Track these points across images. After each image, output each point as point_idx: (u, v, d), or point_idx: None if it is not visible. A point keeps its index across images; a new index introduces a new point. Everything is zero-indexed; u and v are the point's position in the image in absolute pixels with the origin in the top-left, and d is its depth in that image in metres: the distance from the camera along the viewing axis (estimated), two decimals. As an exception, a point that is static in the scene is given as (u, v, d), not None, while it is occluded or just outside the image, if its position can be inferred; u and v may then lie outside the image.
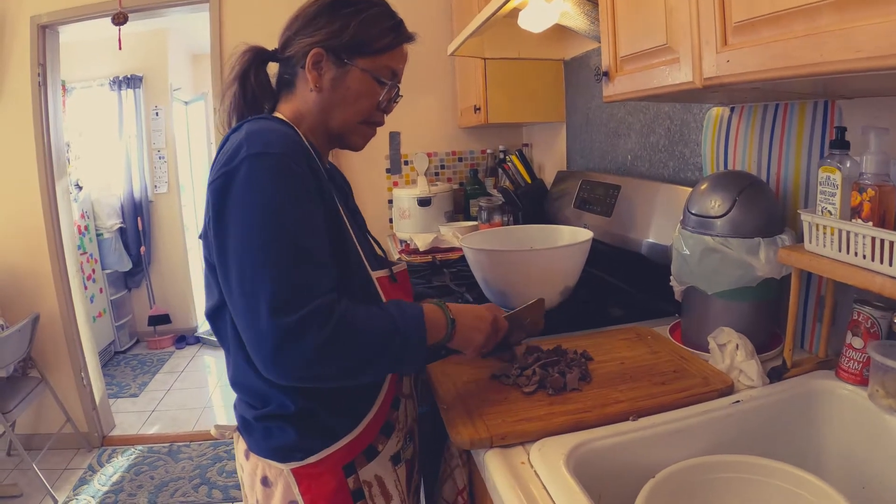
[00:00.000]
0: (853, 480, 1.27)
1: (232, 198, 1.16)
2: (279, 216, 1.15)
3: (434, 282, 2.52)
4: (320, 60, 1.35)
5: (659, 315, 1.95)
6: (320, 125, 1.40)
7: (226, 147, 1.24)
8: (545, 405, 1.33)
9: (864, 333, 1.32)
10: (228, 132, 1.32)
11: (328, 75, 1.36)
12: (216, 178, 1.18)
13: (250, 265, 1.13)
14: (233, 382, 1.35)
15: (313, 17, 1.37)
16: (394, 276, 1.44)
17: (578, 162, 3.29)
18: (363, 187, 4.07)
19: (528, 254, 1.93)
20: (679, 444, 1.24)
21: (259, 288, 1.11)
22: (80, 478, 4.02)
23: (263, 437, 1.32)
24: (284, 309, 1.10)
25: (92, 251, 6.05)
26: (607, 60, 1.65)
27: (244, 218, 1.15)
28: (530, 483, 1.10)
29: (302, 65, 1.36)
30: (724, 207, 1.50)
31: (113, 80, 6.44)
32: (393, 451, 1.40)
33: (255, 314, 1.11)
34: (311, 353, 1.11)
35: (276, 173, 1.17)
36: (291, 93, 1.41)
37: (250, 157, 1.16)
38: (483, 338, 1.40)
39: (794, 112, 1.59)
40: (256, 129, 1.23)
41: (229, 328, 1.28)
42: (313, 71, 1.35)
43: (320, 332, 1.11)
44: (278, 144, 1.20)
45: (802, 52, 0.95)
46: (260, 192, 1.15)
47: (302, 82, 1.38)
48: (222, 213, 1.16)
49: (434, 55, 3.93)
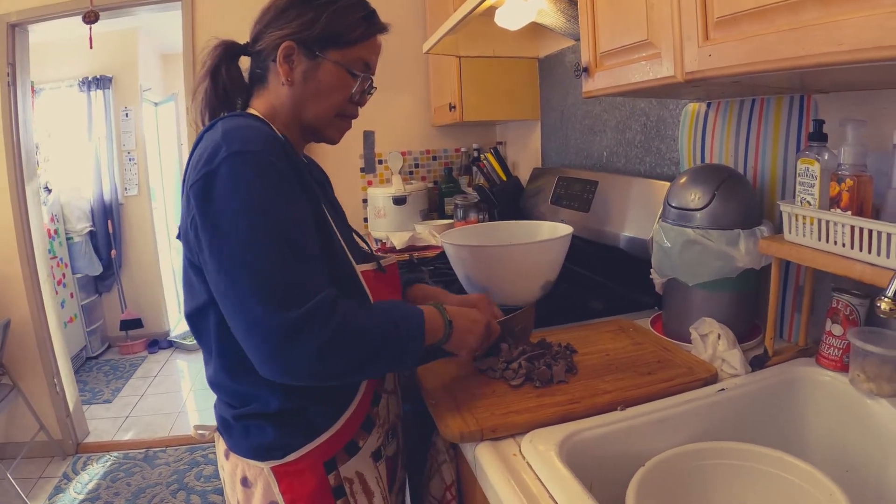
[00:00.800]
0: (836, 464, 1.28)
1: (217, 198, 1.13)
2: (267, 213, 1.13)
3: (413, 279, 2.49)
4: (291, 54, 1.32)
5: (639, 308, 1.96)
6: (294, 119, 1.38)
7: (202, 147, 1.21)
8: (533, 397, 1.34)
9: (844, 320, 1.34)
10: (202, 131, 1.30)
11: (300, 68, 1.34)
12: (197, 180, 1.15)
13: (244, 265, 1.11)
14: (212, 383, 1.34)
15: (284, 9, 1.35)
16: (381, 267, 1.43)
17: (553, 159, 3.30)
18: (337, 186, 3.92)
19: (510, 248, 1.93)
20: (667, 433, 1.25)
21: (256, 287, 1.10)
22: (56, 486, 3.95)
23: (242, 436, 1.30)
24: (285, 305, 1.09)
25: (62, 255, 5.96)
26: (587, 56, 1.66)
27: (232, 218, 1.12)
28: (524, 474, 1.11)
29: (273, 58, 1.33)
30: (703, 200, 1.52)
31: (82, 80, 6.35)
32: (374, 448, 1.39)
33: (254, 313, 1.09)
34: (315, 350, 1.10)
35: (258, 170, 1.15)
36: (264, 87, 1.38)
37: (231, 156, 1.14)
38: (477, 340, 1.41)
39: (770, 107, 1.62)
40: (232, 126, 1.22)
41: (213, 329, 1.25)
42: (284, 64, 1.32)
43: (324, 329, 1.10)
44: (257, 141, 1.18)
45: (785, 46, 0.97)
46: (245, 190, 1.13)
47: (274, 76, 1.35)
48: (208, 214, 1.14)
49: (408, 53, 3.93)
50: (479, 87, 3.35)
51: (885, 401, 1.22)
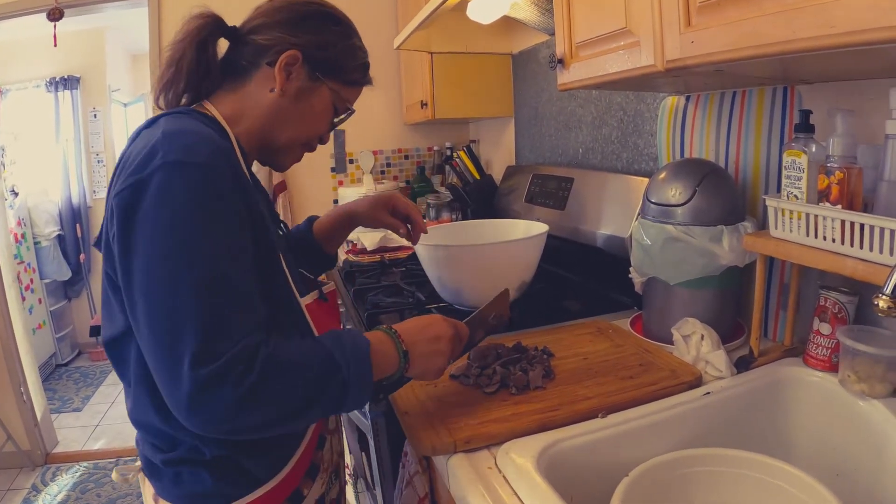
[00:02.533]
0: (827, 468, 1.25)
1: (141, 214, 0.98)
2: (196, 241, 0.98)
3: (383, 281, 2.47)
4: (294, 64, 1.22)
5: (618, 308, 1.92)
6: (263, 132, 1.25)
7: (136, 147, 1.06)
8: (510, 405, 1.28)
9: (832, 319, 1.30)
10: (140, 127, 1.14)
11: (295, 83, 1.23)
12: (123, 189, 0.99)
13: (160, 298, 0.96)
14: (134, 420, 1.16)
15: (302, 17, 1.25)
16: (324, 296, 1.33)
17: (528, 156, 3.27)
18: (307, 187, 4.02)
19: (483, 248, 1.88)
20: (651, 440, 1.20)
21: (172, 326, 0.95)
22: (25, 498, 3.87)
23: (174, 483, 1.14)
24: (201, 355, 0.93)
25: (29, 260, 5.84)
26: (562, 47, 1.61)
27: (154, 241, 0.97)
28: (499, 488, 1.04)
29: (270, 61, 1.21)
30: (685, 195, 1.48)
31: (49, 81, 6.25)
32: (318, 494, 1.29)
33: (167, 357, 0.95)
34: (232, 404, 0.94)
35: (195, 188, 1.00)
36: (241, 85, 1.24)
37: (166, 167, 0.98)
38: (445, 360, 1.26)
39: (752, 99, 1.58)
40: (176, 129, 1.06)
41: (135, 359, 1.09)
42: (282, 72, 1.21)
43: (242, 380, 0.95)
44: (201, 152, 1.03)
45: (773, 29, 0.93)
46: (175, 210, 0.98)
47: (261, 79, 1.23)
48: (129, 231, 0.98)
49: (379, 50, 3.78)
50: (452, 84, 3.32)
51: (877, 402, 1.18)
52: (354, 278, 2.54)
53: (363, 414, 1.72)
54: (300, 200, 3.98)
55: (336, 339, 1.10)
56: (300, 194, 3.97)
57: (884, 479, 1.14)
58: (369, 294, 2.24)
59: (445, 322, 1.28)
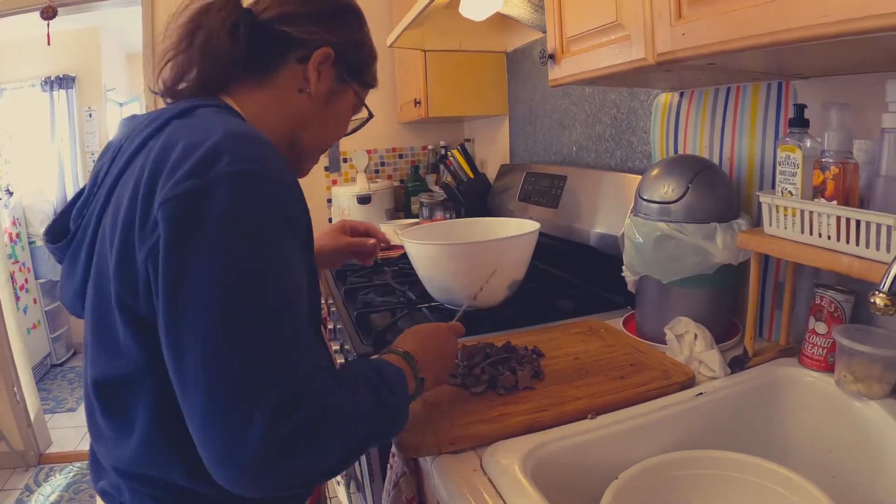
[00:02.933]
0: (822, 470, 1.22)
1: (206, 232, 0.81)
2: (278, 275, 0.85)
3: (375, 280, 2.45)
4: (325, 62, 1.12)
5: (610, 307, 1.90)
6: (289, 137, 1.14)
7: (172, 139, 0.90)
8: (497, 406, 1.25)
9: (828, 318, 1.27)
10: (167, 112, 0.99)
11: (326, 84, 1.14)
12: (178, 195, 0.82)
13: (231, 342, 0.80)
14: (134, 474, 0.98)
15: (335, 12, 1.16)
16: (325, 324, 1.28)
17: (522, 155, 3.25)
18: (301, 185, 3.92)
19: (472, 246, 1.86)
20: (642, 442, 1.18)
21: (245, 376, 0.80)
22: (18, 499, 3.84)
23: None
24: (282, 409, 0.80)
25: (24, 260, 5.82)
26: (553, 42, 1.59)
27: (228, 269, 0.81)
28: (484, 492, 1.01)
29: (302, 57, 1.10)
30: (677, 192, 1.45)
31: (44, 80, 6.23)
32: None
33: (230, 412, 0.79)
34: (310, 459, 0.84)
35: (273, 209, 0.87)
36: (265, 81, 1.11)
37: (239, 176, 0.83)
38: (454, 363, 1.24)
39: (746, 94, 1.56)
40: (239, 131, 0.90)
41: (144, 408, 0.93)
42: (315, 71, 1.11)
43: (317, 431, 0.84)
44: (278, 166, 0.90)
45: (766, 19, 0.90)
46: (252, 232, 0.83)
47: (289, 76, 1.11)
48: (188, 249, 0.81)
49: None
50: (445, 82, 3.29)
51: (874, 403, 1.16)
52: (346, 277, 2.52)
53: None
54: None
55: (376, 370, 1.01)
56: (293, 194, 3.92)
57: (881, 481, 1.12)
58: (360, 293, 2.22)
59: (448, 330, 1.25)
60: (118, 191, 0.95)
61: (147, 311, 0.87)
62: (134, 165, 0.93)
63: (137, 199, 0.87)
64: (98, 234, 0.97)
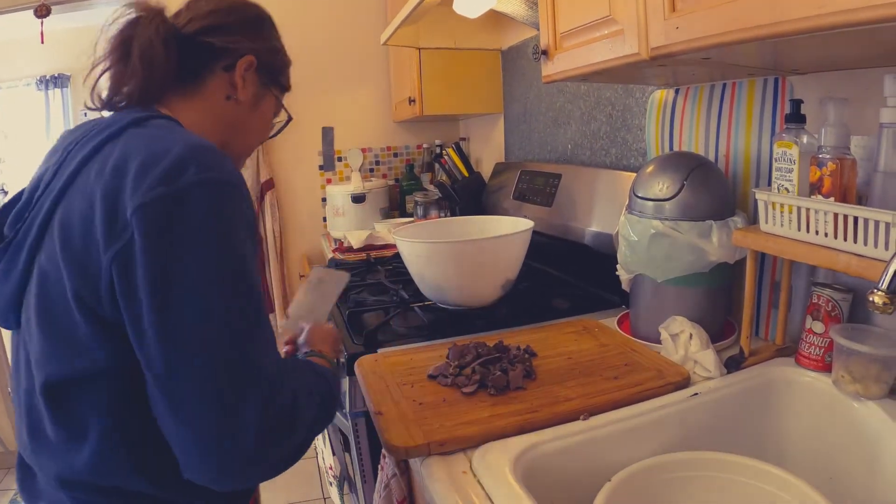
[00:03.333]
0: (819, 472, 1.21)
1: (184, 235, 0.86)
2: (247, 272, 0.92)
3: (368, 279, 2.43)
4: (250, 69, 1.17)
5: (605, 306, 1.89)
6: (220, 143, 1.13)
7: (132, 150, 0.92)
8: (488, 406, 1.23)
9: (825, 317, 1.26)
10: (115, 123, 1.01)
11: (251, 90, 1.19)
12: (151, 200, 0.85)
13: (226, 339, 0.86)
14: (80, 483, 0.96)
15: (253, 21, 1.21)
16: None
17: (517, 153, 3.24)
18: (295, 184, 3.97)
19: (465, 244, 1.83)
20: (636, 443, 1.16)
21: (235, 370, 0.86)
22: (12, 499, 3.80)
23: None
24: (266, 406, 0.88)
25: (18, 259, 5.77)
26: (546, 37, 1.58)
27: (209, 270, 0.87)
28: (473, 495, 0.99)
29: (227, 66, 1.15)
30: (672, 189, 1.43)
31: (39, 79, 6.17)
32: None
33: (222, 408, 0.85)
34: (283, 449, 0.92)
35: (238, 212, 0.92)
36: (194, 90, 1.15)
37: (207, 183, 0.88)
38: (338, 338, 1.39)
39: (742, 91, 1.54)
40: (197, 142, 0.94)
41: (98, 410, 0.93)
42: (241, 78, 1.16)
43: (288, 425, 0.93)
44: (233, 173, 0.94)
45: (761, 11, 0.89)
46: (224, 235, 0.89)
47: (217, 84, 1.16)
48: (163, 252, 0.85)
49: (368, 47, 3.86)
50: (440, 80, 3.28)
51: (872, 403, 1.14)
52: (339, 277, 2.49)
53: (344, 415, 1.68)
54: (288, 198, 3.93)
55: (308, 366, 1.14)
56: (288, 192, 3.93)
57: (879, 483, 1.11)
58: (352, 292, 2.20)
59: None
60: (70, 195, 0.95)
61: (111, 311, 0.89)
62: (88, 170, 0.95)
63: (96, 202, 0.89)
64: (44, 238, 0.97)
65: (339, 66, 3.88)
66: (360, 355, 1.53)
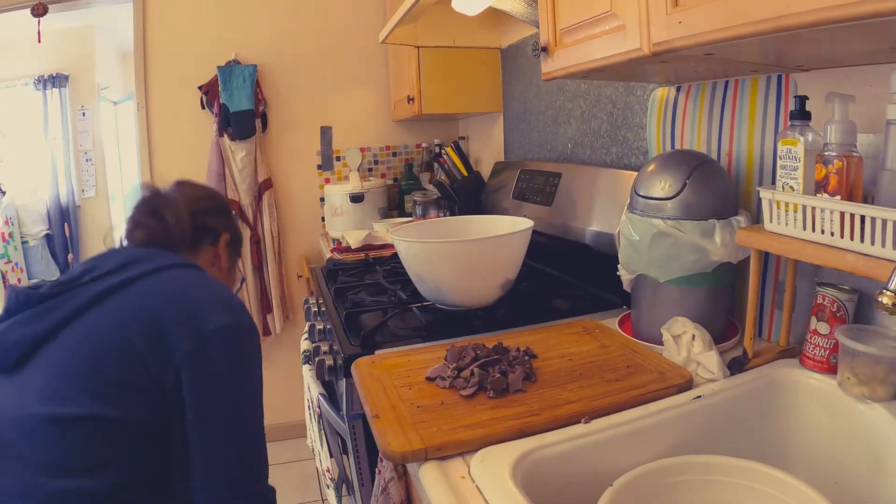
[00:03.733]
0: (825, 476, 1.20)
1: (247, 352, 1.29)
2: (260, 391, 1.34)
3: (366, 279, 2.41)
4: (227, 243, 1.58)
5: (606, 307, 1.87)
6: None
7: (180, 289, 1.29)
8: (487, 409, 1.21)
9: (830, 318, 1.24)
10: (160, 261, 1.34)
11: (227, 261, 1.60)
12: (231, 324, 1.25)
13: (252, 433, 1.28)
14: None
15: (221, 208, 1.62)
16: None
17: (516, 152, 3.22)
18: (293, 184, 3.95)
19: (464, 244, 1.82)
20: (638, 447, 1.14)
21: (256, 453, 1.29)
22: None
23: None
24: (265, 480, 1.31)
25: (17, 260, 5.81)
26: (546, 34, 1.57)
27: (253, 379, 1.31)
28: (472, 501, 0.97)
29: (211, 241, 1.55)
30: (674, 188, 1.42)
31: (37, 78, 6.17)
32: None
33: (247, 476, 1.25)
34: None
35: (258, 347, 1.35)
36: (194, 257, 1.51)
37: (245, 317, 1.32)
38: None
39: (745, 88, 1.52)
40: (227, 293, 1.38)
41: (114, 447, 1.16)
42: (224, 252, 1.58)
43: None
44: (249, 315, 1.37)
45: (767, 4, 0.87)
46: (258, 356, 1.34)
47: (206, 255, 1.55)
48: (237, 362, 1.26)
49: (366, 45, 3.85)
50: (439, 79, 3.26)
51: (878, 405, 1.12)
52: (337, 276, 2.49)
53: (341, 418, 1.66)
54: (286, 198, 3.92)
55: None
56: (286, 192, 3.91)
57: (886, 488, 1.09)
58: (350, 293, 2.18)
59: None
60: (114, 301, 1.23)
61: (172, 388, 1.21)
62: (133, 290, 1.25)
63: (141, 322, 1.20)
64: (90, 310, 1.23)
65: (338, 66, 3.86)
66: (358, 357, 1.51)
